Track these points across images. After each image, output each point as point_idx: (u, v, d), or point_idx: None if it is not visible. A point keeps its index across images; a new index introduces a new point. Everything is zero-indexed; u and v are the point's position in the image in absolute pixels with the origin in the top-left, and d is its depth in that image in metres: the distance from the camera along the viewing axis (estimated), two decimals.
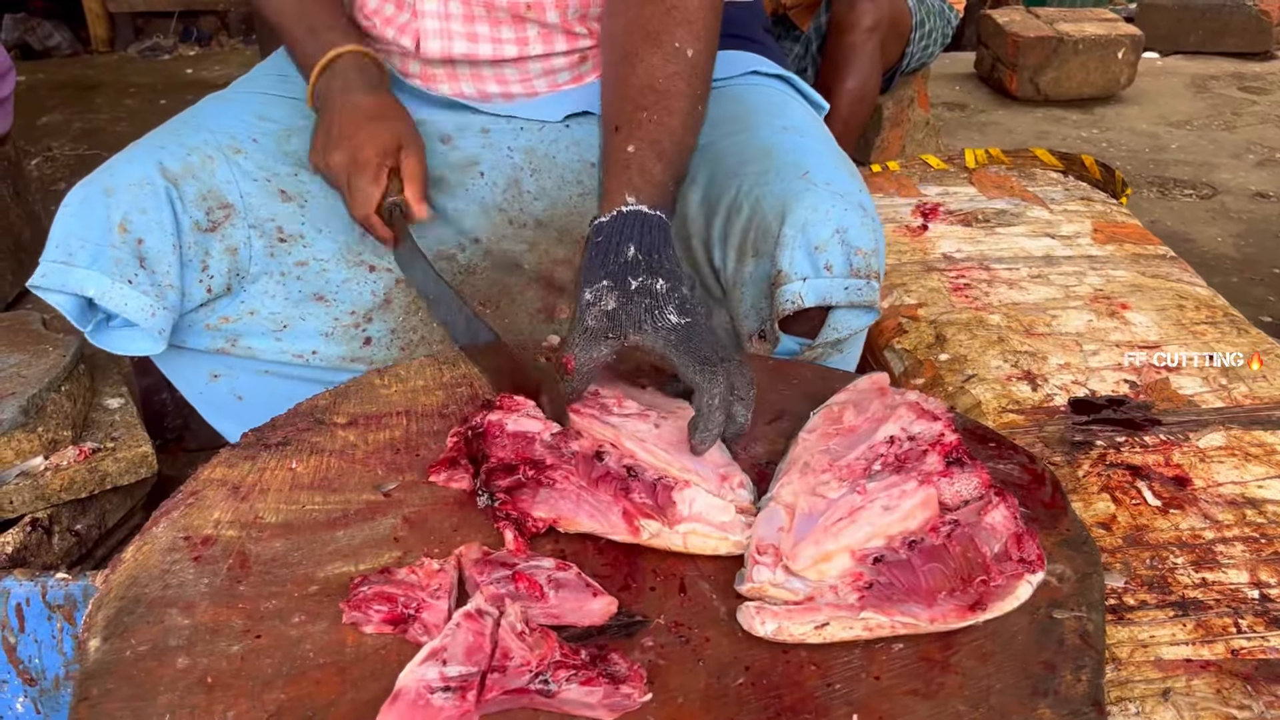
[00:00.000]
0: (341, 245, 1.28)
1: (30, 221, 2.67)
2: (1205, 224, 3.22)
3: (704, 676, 0.74)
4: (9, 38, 5.08)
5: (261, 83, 1.40)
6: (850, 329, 1.11)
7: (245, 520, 0.88)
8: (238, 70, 4.86)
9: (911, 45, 2.80)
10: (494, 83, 1.35)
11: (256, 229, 1.24)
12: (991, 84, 4.61)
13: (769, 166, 1.17)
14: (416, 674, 0.70)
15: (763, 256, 1.12)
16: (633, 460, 0.89)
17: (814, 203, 1.09)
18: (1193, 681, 0.95)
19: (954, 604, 0.78)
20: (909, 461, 0.87)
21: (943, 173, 2.24)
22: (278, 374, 1.28)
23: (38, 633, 1.19)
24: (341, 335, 1.27)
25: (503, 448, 0.89)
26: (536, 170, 1.35)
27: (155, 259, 1.15)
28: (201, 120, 1.28)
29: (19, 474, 1.44)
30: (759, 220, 1.13)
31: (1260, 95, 4.49)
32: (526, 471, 0.87)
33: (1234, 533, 1.12)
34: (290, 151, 1.29)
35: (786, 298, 1.08)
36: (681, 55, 1.12)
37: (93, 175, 1.18)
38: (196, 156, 1.21)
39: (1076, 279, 1.71)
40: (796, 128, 1.28)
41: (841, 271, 1.08)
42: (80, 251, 1.12)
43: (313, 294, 1.27)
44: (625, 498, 0.86)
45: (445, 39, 1.30)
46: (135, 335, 1.16)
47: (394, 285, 1.29)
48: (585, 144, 1.35)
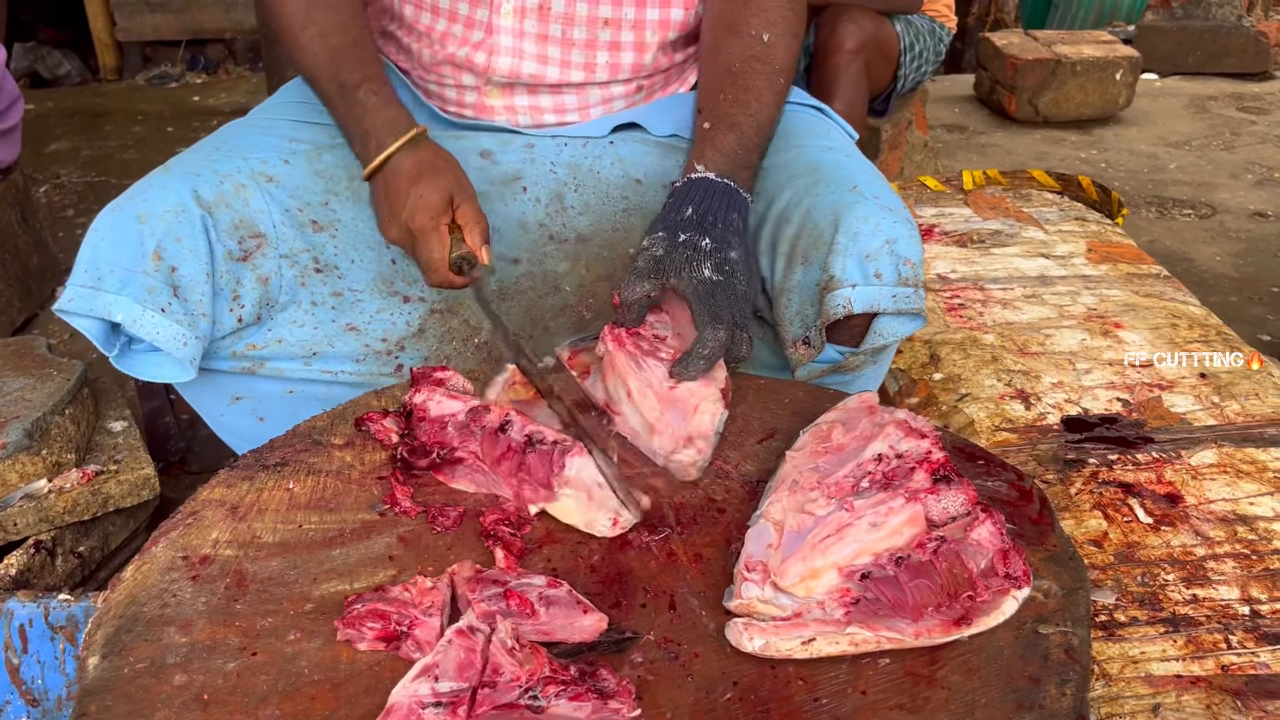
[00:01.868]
0: (374, 275, 1.28)
1: (38, 248, 2.70)
2: (1204, 243, 3.23)
3: (692, 692, 0.75)
4: (19, 67, 5.15)
5: (288, 109, 1.40)
6: (896, 335, 1.14)
7: (243, 540, 0.89)
8: (245, 98, 4.91)
9: (903, 68, 2.82)
10: (551, 112, 1.37)
11: (288, 259, 1.24)
12: (990, 106, 4.64)
13: (818, 179, 1.21)
14: (409, 690, 0.72)
15: (812, 264, 1.15)
16: (534, 428, 0.97)
17: (865, 213, 1.13)
18: (1183, 697, 0.95)
19: (940, 619, 0.79)
20: (896, 479, 0.88)
21: (939, 194, 2.26)
22: (303, 394, 1.28)
23: (40, 654, 1.20)
24: (373, 360, 1.28)
25: (424, 431, 0.99)
26: (580, 186, 1.35)
27: (189, 288, 1.15)
28: (233, 146, 1.28)
29: (23, 496, 1.46)
30: (810, 228, 1.16)
31: (1259, 115, 4.51)
32: (439, 453, 0.96)
33: (1225, 549, 1.13)
34: (322, 171, 1.29)
35: (837, 302, 1.10)
36: (758, 40, 1.25)
37: (122, 200, 1.18)
38: (230, 184, 1.21)
39: (1070, 298, 1.73)
40: (840, 148, 1.32)
41: (890, 280, 1.10)
42: (110, 276, 1.12)
43: (345, 324, 1.27)
44: (517, 473, 0.94)
45: (516, 58, 1.31)
46: (162, 361, 1.16)
47: (429, 315, 1.30)
48: (630, 161, 1.36)
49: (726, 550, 0.89)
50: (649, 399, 1.02)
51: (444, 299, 1.30)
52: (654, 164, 1.34)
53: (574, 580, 0.85)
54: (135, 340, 1.16)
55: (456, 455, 0.97)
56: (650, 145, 1.36)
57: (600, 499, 0.92)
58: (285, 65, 4.03)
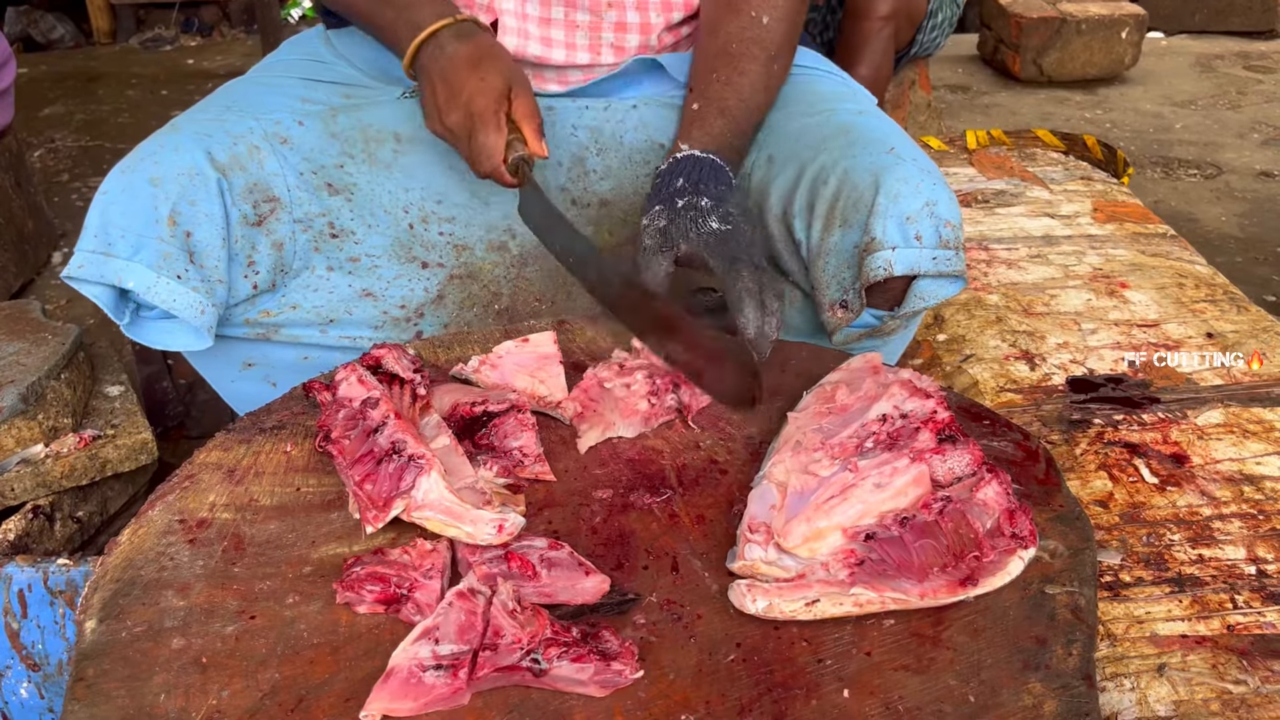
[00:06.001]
0: (392, 241, 1.26)
1: (33, 213, 2.68)
2: (1210, 204, 3.20)
3: (695, 653, 0.74)
4: (11, 30, 5.08)
5: (298, 67, 1.36)
6: (936, 298, 1.12)
7: (240, 503, 0.88)
8: (239, 60, 4.85)
9: (922, 33, 2.78)
10: (555, 84, 1.34)
11: (302, 224, 1.22)
12: (994, 66, 4.58)
13: (853, 140, 1.19)
14: (409, 653, 0.71)
15: (851, 226, 1.13)
16: (401, 437, 0.87)
17: (905, 175, 1.11)
18: (1188, 657, 0.95)
19: (945, 580, 0.78)
20: (901, 439, 0.86)
21: (942, 154, 2.23)
22: (318, 361, 1.25)
23: (40, 618, 1.20)
24: (391, 327, 1.26)
25: (324, 410, 0.94)
26: (603, 150, 1.33)
27: (205, 253, 1.12)
28: (244, 106, 1.23)
29: (20, 461, 1.45)
30: (849, 190, 1.14)
31: (1265, 74, 4.46)
32: (321, 441, 0.91)
33: (1231, 509, 1.12)
34: (337, 133, 1.25)
35: (877, 264, 1.08)
36: (757, 23, 1.23)
37: (132, 161, 1.13)
38: (243, 146, 1.17)
39: (1076, 258, 1.71)
40: (870, 112, 1.30)
41: (931, 243, 1.09)
42: (121, 242, 1.07)
43: (362, 290, 1.25)
44: (363, 481, 0.86)
45: (521, 38, 1.28)
46: (176, 329, 1.13)
47: (448, 281, 1.27)
48: (654, 125, 1.33)
49: (729, 512, 0.88)
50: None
51: (463, 265, 1.28)
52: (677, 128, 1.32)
53: (575, 542, 0.84)
54: (146, 307, 1.12)
55: (329, 446, 0.91)
56: (673, 110, 1.33)
57: (465, 513, 0.83)
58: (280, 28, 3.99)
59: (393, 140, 1.26)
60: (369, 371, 0.96)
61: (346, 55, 1.37)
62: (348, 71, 1.35)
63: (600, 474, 0.93)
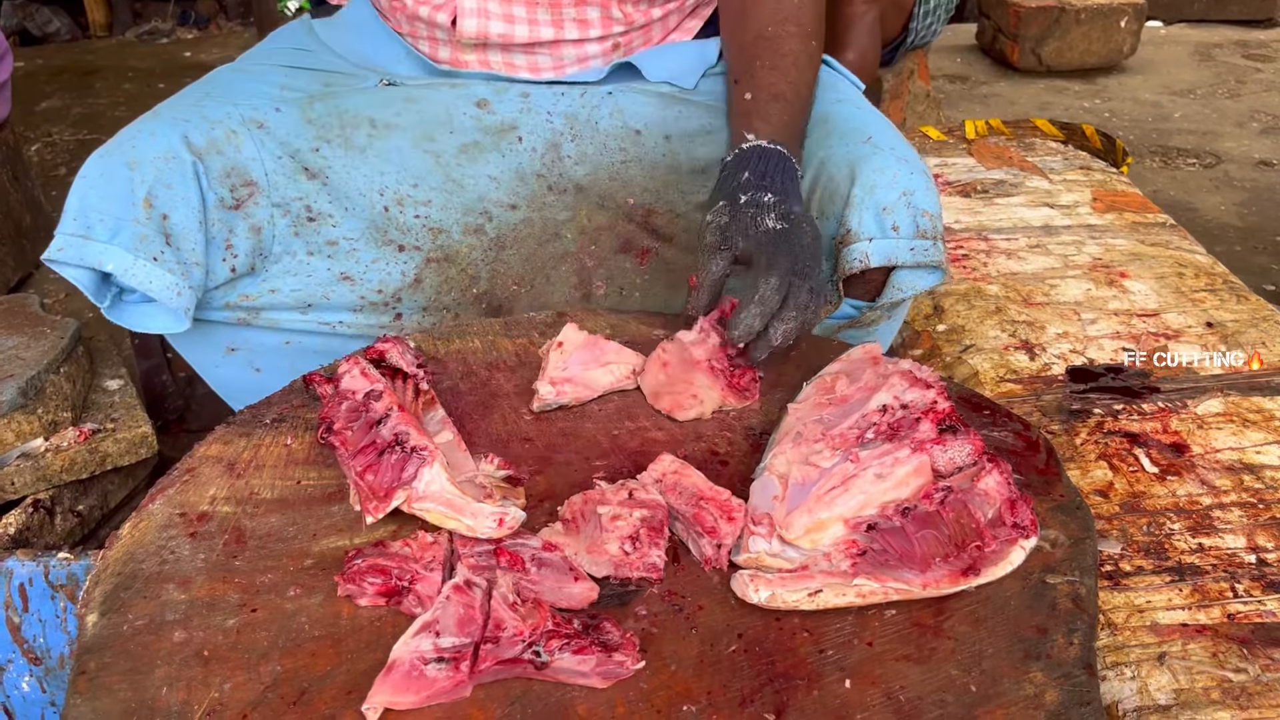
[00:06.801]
0: (368, 224, 1.26)
1: (30, 207, 2.67)
2: (1208, 193, 3.20)
3: (697, 644, 0.74)
4: (8, 24, 5.07)
5: (279, 55, 1.36)
6: (914, 289, 1.12)
7: (241, 496, 0.88)
8: (236, 53, 4.81)
9: (915, 21, 2.77)
10: (526, 69, 1.33)
11: (280, 208, 1.22)
12: (993, 55, 4.57)
13: (830, 131, 1.19)
14: (410, 645, 0.71)
15: (827, 218, 1.13)
16: (404, 429, 0.87)
17: (881, 165, 1.11)
18: (1189, 646, 0.95)
19: (947, 569, 0.78)
20: (902, 429, 0.86)
21: (941, 144, 2.23)
22: (300, 346, 1.26)
23: (41, 612, 1.20)
24: (370, 311, 1.26)
25: (326, 402, 0.94)
26: (578, 136, 1.32)
27: (181, 235, 1.12)
28: (222, 92, 1.24)
29: (19, 455, 1.45)
30: (825, 182, 1.14)
31: (1264, 63, 4.45)
32: (323, 433, 0.91)
33: (1231, 498, 1.12)
34: (314, 119, 1.25)
35: (854, 257, 1.08)
36: (788, 2, 1.21)
37: (110, 146, 1.14)
38: (221, 131, 1.18)
39: (1075, 248, 1.71)
40: (850, 100, 1.29)
41: (908, 233, 1.09)
42: (99, 225, 1.09)
43: (340, 274, 1.25)
44: (365, 472, 0.86)
45: (482, 18, 1.27)
46: (155, 312, 1.14)
47: (425, 264, 1.27)
48: (629, 111, 1.33)
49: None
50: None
51: (439, 248, 1.27)
52: (653, 115, 1.32)
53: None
54: (127, 290, 1.13)
55: (332, 437, 0.91)
56: (649, 96, 1.33)
57: (465, 505, 0.83)
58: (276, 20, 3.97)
59: (368, 125, 1.26)
60: (372, 365, 0.96)
61: (330, 44, 1.37)
62: (330, 60, 1.35)
63: (601, 465, 0.93)
